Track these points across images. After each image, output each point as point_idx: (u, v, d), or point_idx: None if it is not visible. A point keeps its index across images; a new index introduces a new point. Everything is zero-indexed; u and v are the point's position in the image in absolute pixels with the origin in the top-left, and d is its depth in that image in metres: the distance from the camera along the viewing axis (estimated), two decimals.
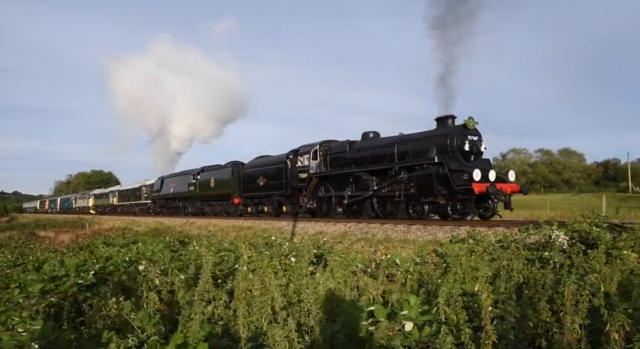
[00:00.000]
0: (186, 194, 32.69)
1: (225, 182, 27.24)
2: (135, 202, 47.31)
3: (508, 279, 4.86)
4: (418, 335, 3.29)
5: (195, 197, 31.63)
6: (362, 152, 17.85)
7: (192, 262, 6.93)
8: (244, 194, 25.32)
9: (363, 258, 7.86)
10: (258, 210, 24.42)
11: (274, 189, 22.35)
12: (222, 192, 27.63)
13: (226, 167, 28.31)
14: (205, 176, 30.35)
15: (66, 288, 5.51)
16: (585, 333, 3.30)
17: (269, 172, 22.95)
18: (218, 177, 28.47)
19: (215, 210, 29.48)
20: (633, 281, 5.08)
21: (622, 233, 7.31)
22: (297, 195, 20.85)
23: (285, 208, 22.00)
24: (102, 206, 59.21)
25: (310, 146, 20.60)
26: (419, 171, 14.58)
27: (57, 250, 13.80)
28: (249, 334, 3.44)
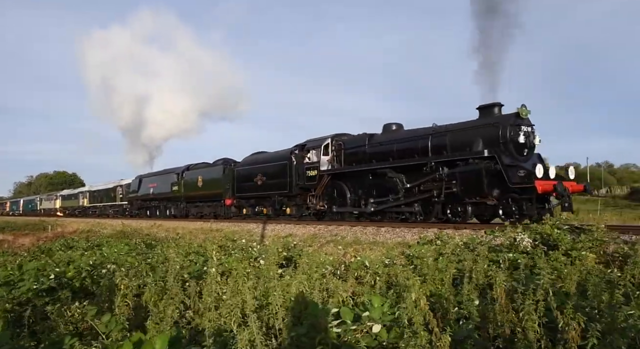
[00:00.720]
0: (168, 195, 30.34)
1: (216, 182, 24.98)
2: (109, 204, 44.07)
3: (472, 281, 4.99)
4: (387, 336, 3.34)
5: (179, 198, 29.27)
6: (386, 145, 15.55)
7: (160, 265, 6.81)
8: (238, 195, 22.85)
9: (333, 260, 7.90)
10: (255, 212, 22.13)
11: (275, 189, 20.06)
12: (212, 192, 25.32)
13: (216, 165, 25.99)
14: (192, 175, 28.04)
15: (22, 293, 5.29)
16: (544, 331, 3.41)
17: (269, 170, 20.58)
18: (207, 176, 26.11)
19: (203, 212, 27.00)
20: (590, 280, 5.28)
21: (580, 235, 7.59)
22: (304, 195, 18.75)
23: (289, 210, 19.64)
24: (70, 207, 55.30)
25: (319, 140, 18.31)
26: (464, 167, 12.56)
27: (16, 254, 13.29)
28: (215, 338, 3.41)
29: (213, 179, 25.38)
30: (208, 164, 27.94)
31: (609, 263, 6.93)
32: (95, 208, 47.77)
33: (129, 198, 37.60)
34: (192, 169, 28.55)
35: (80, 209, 51.94)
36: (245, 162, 23.21)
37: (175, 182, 29.34)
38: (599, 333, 3.07)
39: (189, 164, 29.33)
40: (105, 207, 45.08)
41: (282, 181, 19.50)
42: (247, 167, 22.50)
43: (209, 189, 25.58)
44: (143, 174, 36.75)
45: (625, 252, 7.07)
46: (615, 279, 5.44)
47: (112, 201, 43.20)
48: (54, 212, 58.22)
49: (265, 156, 22.19)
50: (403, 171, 14.50)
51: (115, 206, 42.77)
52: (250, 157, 23.54)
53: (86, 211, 50.08)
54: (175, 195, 29.38)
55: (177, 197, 29.26)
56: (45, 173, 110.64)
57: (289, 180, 19.17)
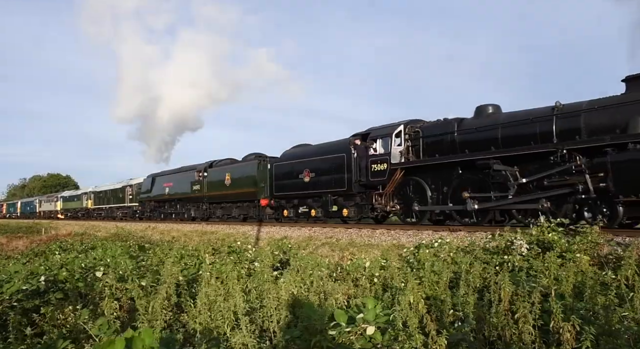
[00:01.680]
0: (188, 195, 27.03)
1: (248, 180, 21.58)
2: (116, 206, 40.32)
3: (468, 283, 4.98)
4: (381, 339, 3.32)
5: (200, 199, 25.79)
6: (486, 131, 12.58)
7: (154, 268, 6.77)
8: (277, 194, 19.59)
9: (328, 263, 7.89)
10: (298, 213, 18.94)
11: (327, 187, 17.04)
12: (243, 191, 21.94)
13: (249, 160, 22.47)
14: (217, 172, 24.51)
15: (9, 295, 5.20)
16: (539, 334, 3.41)
17: (320, 164, 17.48)
18: (237, 174, 22.66)
19: (231, 213, 23.62)
20: (586, 282, 5.30)
21: (575, 237, 7.61)
22: (367, 194, 15.71)
23: (346, 211, 16.51)
24: (73, 210, 51.26)
25: (389, 128, 15.32)
26: (620, 155, 9.63)
27: (10, 257, 13.20)
28: (209, 340, 3.39)
29: (245, 176, 21.97)
30: (235, 160, 24.81)
31: (602, 264, 6.95)
32: (101, 210, 44.09)
33: (140, 199, 34.22)
34: (218, 165, 25.19)
35: (84, 212, 48.20)
36: (287, 157, 19.76)
37: (197, 180, 26.00)
38: (592, 335, 3.06)
39: (211, 160, 25.98)
40: (112, 210, 41.47)
41: (338, 177, 16.48)
42: (290, 162, 19.13)
43: (240, 188, 22.21)
44: (156, 172, 33.12)
45: (618, 254, 7.10)
46: (610, 281, 5.47)
47: (120, 203, 39.64)
48: (55, 215, 55.29)
49: (314, 148, 18.88)
50: (513, 162, 11.66)
51: (124, 207, 39.28)
52: (292, 150, 20.25)
53: (91, 213, 46.45)
54: (197, 195, 26.06)
55: (199, 197, 25.90)
56: (39, 175, 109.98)
57: (347, 176, 16.10)
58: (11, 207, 77.11)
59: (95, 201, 45.29)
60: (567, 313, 3.49)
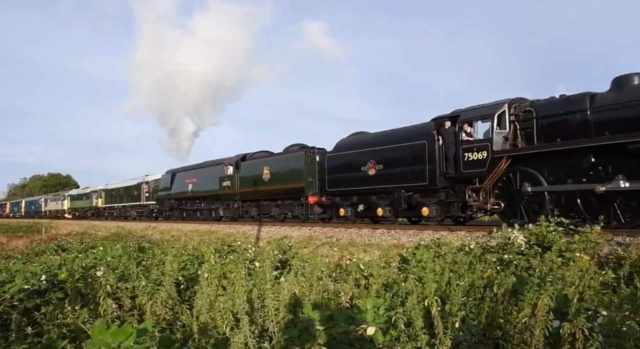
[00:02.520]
0: (216, 192, 24.04)
1: (294, 174, 18.71)
2: (130, 204, 37.37)
3: (470, 283, 4.98)
4: (382, 339, 3.31)
5: (231, 196, 22.88)
6: (636, 107, 9.88)
7: (154, 267, 6.76)
8: (331, 190, 16.95)
9: (328, 263, 7.89)
10: (358, 213, 16.25)
11: (400, 181, 14.23)
12: (287, 186, 19.14)
13: (294, 152, 19.59)
14: (252, 166, 21.56)
15: (10, 294, 5.20)
16: (544, 334, 3.40)
17: (390, 154, 14.71)
18: (277, 167, 19.81)
19: (270, 212, 20.69)
20: (587, 283, 5.29)
21: (575, 236, 7.60)
22: (461, 189, 12.93)
23: (426, 210, 13.58)
24: (81, 209, 48.47)
25: (488, 108, 12.59)
26: None
27: (10, 256, 13.20)
28: (209, 340, 3.38)
29: (289, 170, 19.05)
30: (271, 153, 22.32)
31: (602, 264, 6.95)
32: (113, 210, 41.31)
33: (158, 197, 31.42)
34: (252, 158, 22.39)
35: (94, 211, 45.42)
36: (344, 146, 17.04)
37: (227, 176, 23.12)
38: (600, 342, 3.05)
39: (244, 153, 23.17)
40: (126, 209, 38.52)
41: (417, 169, 13.70)
42: (348, 152, 16.45)
43: (282, 184, 19.40)
44: (176, 168, 30.38)
45: (618, 254, 7.09)
46: (610, 281, 5.46)
47: (135, 201, 36.69)
48: (62, 215, 52.80)
49: (380, 136, 16.04)
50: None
51: (139, 206, 36.27)
52: (350, 139, 17.56)
53: (101, 212, 43.51)
54: (227, 192, 23.10)
55: (229, 194, 22.92)
56: (39, 175, 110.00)
57: (428, 167, 13.40)
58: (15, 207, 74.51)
59: (107, 199, 42.57)
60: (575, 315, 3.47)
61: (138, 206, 36.36)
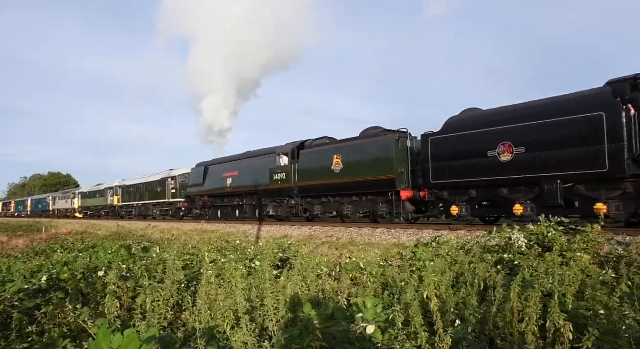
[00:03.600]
0: (265, 187, 20.47)
1: (380, 163, 15.15)
2: (153, 202, 33.41)
3: (470, 282, 4.99)
4: (381, 338, 3.32)
5: (287, 191, 19.27)
6: None
7: (155, 267, 6.78)
8: (437, 182, 13.48)
9: (328, 262, 7.90)
10: (477, 212, 13.06)
11: (557, 168, 10.97)
12: (368, 179, 15.51)
13: (379, 136, 15.86)
14: (317, 155, 18.04)
15: (11, 294, 5.21)
16: (540, 333, 3.41)
17: (539, 132, 11.32)
18: (355, 155, 16.22)
19: (343, 210, 17.06)
20: (587, 282, 5.30)
21: (576, 236, 7.60)
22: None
23: (603, 207, 10.29)
24: (94, 207, 45.10)
25: None
26: None
27: (10, 256, 13.22)
28: (209, 339, 3.39)
29: (372, 159, 15.46)
30: (334, 140, 18.80)
31: (603, 263, 6.95)
32: (131, 208, 37.71)
33: (187, 194, 27.94)
34: (315, 145, 18.84)
35: (109, 210, 41.94)
36: (458, 126, 13.31)
37: (280, 167, 19.65)
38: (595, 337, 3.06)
39: (301, 140, 19.68)
40: (147, 207, 34.54)
41: (588, 152, 10.41)
42: (466, 133, 12.85)
43: (360, 175, 15.86)
44: (209, 160, 26.78)
45: (619, 253, 7.10)
46: (610, 281, 5.47)
47: (158, 198, 32.72)
48: (72, 213, 49.81)
49: (522, 109, 12.15)
50: None
51: (163, 204, 32.24)
52: (466, 116, 13.71)
53: (118, 212, 39.96)
54: (280, 187, 19.59)
55: (284, 189, 19.45)
56: (39, 174, 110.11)
57: (609, 148, 10.06)
58: (20, 205, 71.23)
59: (124, 197, 38.84)
60: (569, 313, 3.49)
61: (162, 205, 32.41)
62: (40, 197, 65.51)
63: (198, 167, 26.89)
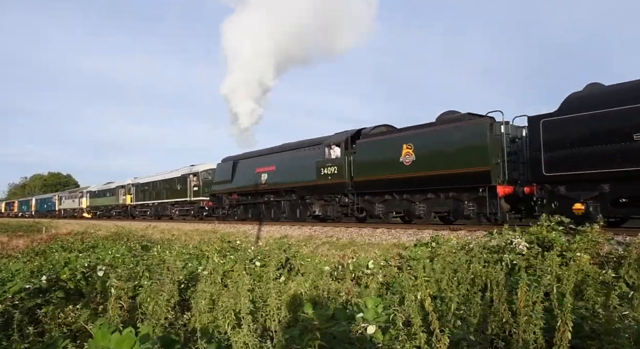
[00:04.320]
0: (312, 182, 17.69)
1: (470, 153, 12.60)
2: (172, 201, 30.59)
3: (470, 282, 4.99)
4: (382, 338, 3.33)
5: (338, 187, 16.79)
6: None
7: (155, 267, 6.79)
8: (553, 174, 11.02)
9: (329, 262, 7.91)
10: (606, 209, 10.38)
11: None
12: (451, 172, 12.96)
13: (460, 120, 13.33)
14: (381, 145, 15.43)
15: (11, 293, 5.22)
16: (541, 333, 3.41)
17: None
18: (434, 144, 13.60)
19: (414, 210, 14.39)
20: (587, 281, 5.31)
21: (576, 236, 7.60)
22: None
23: None
24: (104, 207, 42.84)
25: None
26: None
27: (10, 256, 13.22)
28: (210, 339, 3.39)
29: (459, 148, 12.87)
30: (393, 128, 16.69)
31: (603, 263, 6.96)
32: (146, 208, 34.90)
33: (212, 192, 25.09)
34: (375, 134, 16.29)
35: (120, 209, 39.51)
36: (583, 103, 10.71)
37: (330, 160, 17.17)
38: (594, 333, 3.07)
39: (357, 128, 17.34)
40: (165, 207, 31.73)
41: None
42: (599, 111, 10.31)
43: (438, 168, 13.30)
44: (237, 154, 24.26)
45: (619, 253, 7.10)
46: (610, 280, 5.48)
47: (178, 197, 29.98)
48: (79, 214, 47.64)
49: None
50: None
51: (184, 203, 29.47)
52: (591, 90, 11.11)
53: (131, 211, 37.49)
54: (330, 182, 17.06)
55: (335, 185, 16.91)
56: (40, 174, 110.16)
57: None
58: (24, 205, 68.59)
59: (138, 195, 36.12)
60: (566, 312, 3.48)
61: (183, 204, 29.57)
62: (46, 196, 63.23)
63: (225, 162, 24.21)
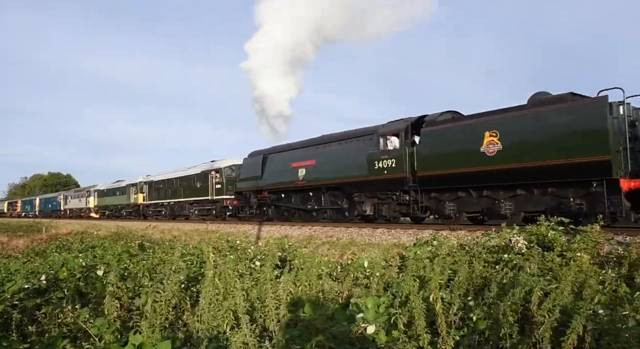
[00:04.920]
0: (362, 178, 15.37)
1: (579, 139, 10.41)
2: (192, 200, 27.97)
3: (470, 282, 4.98)
4: (385, 338, 3.32)
5: (396, 183, 14.37)
6: None
7: (155, 267, 6.77)
8: None
9: (328, 262, 7.89)
10: None
11: None
12: (552, 163, 10.76)
13: (564, 101, 10.88)
14: (456, 132, 12.92)
15: (11, 293, 5.21)
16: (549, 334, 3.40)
17: None
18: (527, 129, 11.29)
19: (501, 209, 12.03)
20: (587, 282, 5.29)
21: (576, 236, 7.59)
22: None
23: None
24: (114, 207, 40.80)
25: None
26: None
27: (10, 256, 13.21)
28: (210, 340, 3.39)
29: (563, 133, 10.66)
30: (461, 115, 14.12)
31: (603, 263, 6.94)
32: (161, 207, 32.39)
33: (237, 190, 22.60)
34: (444, 121, 13.68)
35: (131, 209, 37.32)
36: None
37: (385, 152, 14.70)
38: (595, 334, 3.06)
39: (417, 115, 14.89)
40: (182, 206, 29.27)
41: None
42: None
43: (535, 159, 11.04)
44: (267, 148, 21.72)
45: (619, 253, 7.09)
46: (610, 280, 5.46)
47: (198, 195, 27.32)
48: (86, 214, 45.77)
49: None
50: None
51: (204, 202, 26.90)
52: None
53: (143, 211, 35.13)
54: (386, 177, 14.59)
55: (393, 181, 14.40)
56: (40, 174, 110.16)
57: None
58: (27, 205, 66.27)
59: (151, 194, 33.73)
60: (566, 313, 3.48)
61: (203, 203, 27.06)
62: (50, 196, 61.10)
63: (253, 157, 21.89)
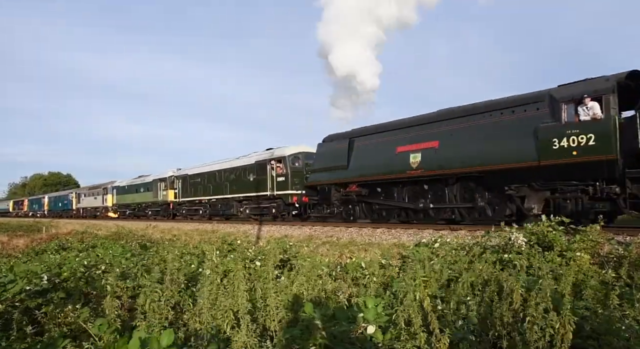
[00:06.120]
0: (524, 163, 10.92)
1: None
2: (241, 196, 22.55)
3: (469, 282, 4.98)
4: (382, 338, 3.32)
5: (593, 169, 9.87)
6: None
7: (155, 266, 6.78)
8: None
9: (328, 262, 7.90)
10: None
11: None
12: None
13: None
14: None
15: (12, 294, 5.21)
16: (542, 334, 3.40)
17: None
18: None
19: None
20: (586, 281, 5.30)
21: (576, 235, 7.59)
22: None
23: None
24: (136, 205, 35.52)
25: None
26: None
27: (10, 255, 13.22)
28: (210, 339, 3.39)
29: None
30: None
31: (603, 263, 6.94)
32: (198, 205, 27.24)
33: (310, 183, 18.06)
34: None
35: (159, 208, 31.70)
36: None
37: (571, 125, 10.24)
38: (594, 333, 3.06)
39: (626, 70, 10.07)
40: (228, 204, 23.84)
41: None
42: None
43: None
44: (348, 130, 17.31)
45: (619, 253, 7.09)
46: (610, 280, 5.47)
47: (252, 191, 21.82)
48: (103, 213, 41.10)
49: None
50: None
51: (261, 199, 21.36)
52: None
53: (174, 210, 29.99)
54: (574, 161, 10.09)
55: (585, 166, 9.97)
56: (40, 174, 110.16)
57: None
58: (35, 204, 61.48)
59: (186, 190, 28.35)
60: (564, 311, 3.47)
61: (259, 199, 21.49)
62: (61, 194, 56.09)
63: (334, 141, 17.26)
